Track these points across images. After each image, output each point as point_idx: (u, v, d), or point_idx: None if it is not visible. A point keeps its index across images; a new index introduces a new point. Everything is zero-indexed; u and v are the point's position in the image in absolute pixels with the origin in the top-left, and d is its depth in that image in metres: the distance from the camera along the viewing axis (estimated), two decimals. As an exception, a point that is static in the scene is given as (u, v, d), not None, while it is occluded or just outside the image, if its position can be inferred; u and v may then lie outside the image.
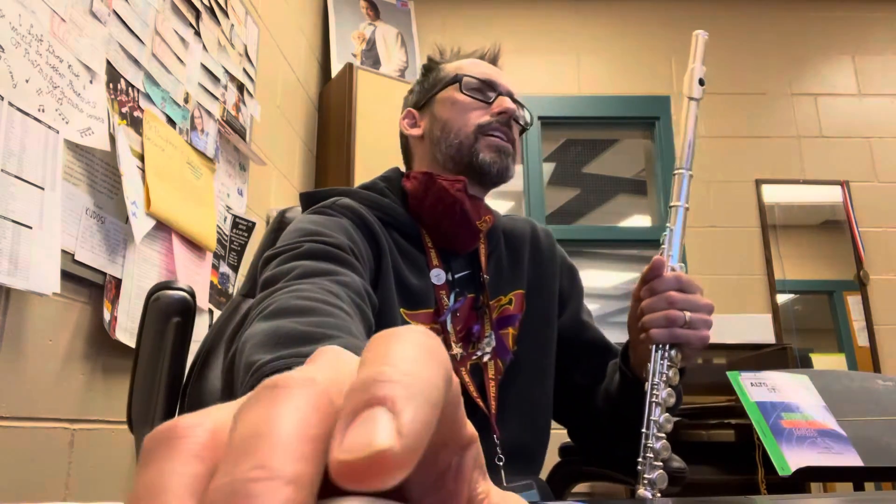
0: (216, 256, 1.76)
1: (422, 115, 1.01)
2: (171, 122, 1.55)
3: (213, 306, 1.73)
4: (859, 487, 1.03)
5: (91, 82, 1.26)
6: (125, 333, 1.34)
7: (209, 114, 1.75)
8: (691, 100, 0.85)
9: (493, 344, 0.94)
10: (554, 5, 3.41)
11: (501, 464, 0.90)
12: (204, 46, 1.73)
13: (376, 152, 2.56)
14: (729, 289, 3.13)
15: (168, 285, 0.96)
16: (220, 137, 1.81)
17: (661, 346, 0.79)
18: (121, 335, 1.33)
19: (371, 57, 3.02)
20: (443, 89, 0.99)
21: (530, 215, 2.93)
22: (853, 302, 3.16)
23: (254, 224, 1.92)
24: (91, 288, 1.30)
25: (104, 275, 1.30)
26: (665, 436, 0.75)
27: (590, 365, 1.02)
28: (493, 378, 0.93)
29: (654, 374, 0.78)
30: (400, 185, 0.98)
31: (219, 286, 1.78)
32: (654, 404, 0.76)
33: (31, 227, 1.08)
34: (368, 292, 0.78)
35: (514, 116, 0.97)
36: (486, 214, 0.96)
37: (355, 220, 0.88)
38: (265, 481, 0.13)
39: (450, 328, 0.92)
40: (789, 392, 0.95)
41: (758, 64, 3.42)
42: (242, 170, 1.99)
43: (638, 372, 0.87)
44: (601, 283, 3.50)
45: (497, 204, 1.23)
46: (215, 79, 1.79)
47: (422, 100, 1.02)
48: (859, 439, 0.89)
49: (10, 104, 1.06)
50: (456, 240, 0.95)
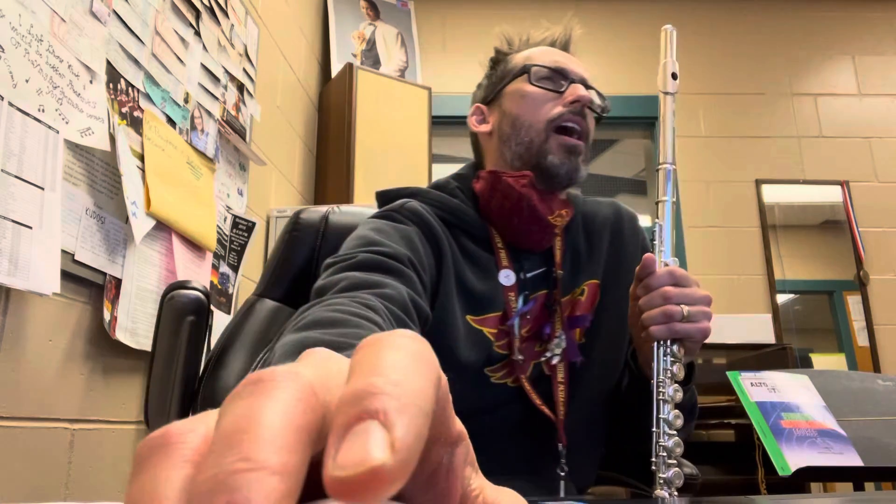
0: (216, 256, 1.76)
1: (490, 111, 0.96)
2: (171, 122, 1.55)
3: (213, 306, 1.73)
4: (859, 487, 1.02)
5: (91, 82, 1.26)
6: (125, 333, 1.34)
7: (209, 114, 1.75)
8: (666, 94, 0.84)
9: (563, 345, 0.89)
10: (554, 5, 3.41)
11: (563, 474, 0.86)
12: (204, 46, 1.73)
13: (376, 152, 2.56)
14: (729, 289, 3.13)
15: (183, 285, 0.97)
16: (220, 137, 1.81)
17: (662, 342, 0.78)
18: (121, 335, 1.33)
19: (371, 57, 3.02)
20: (511, 81, 0.93)
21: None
22: (853, 302, 3.16)
23: (254, 224, 1.92)
24: (91, 288, 1.30)
25: (104, 275, 1.30)
26: (677, 433, 0.74)
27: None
28: (563, 381, 0.88)
29: (659, 372, 0.77)
30: (471, 185, 0.94)
31: (219, 286, 1.78)
32: (662, 401, 0.75)
33: (31, 227, 1.08)
34: (417, 304, 0.75)
35: (590, 105, 0.91)
36: (562, 208, 0.90)
37: (420, 226, 0.86)
38: (250, 472, 0.13)
39: (517, 331, 0.87)
40: (789, 392, 0.94)
41: (758, 64, 3.43)
42: (242, 170, 1.99)
43: (646, 371, 0.86)
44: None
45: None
46: (215, 79, 1.79)
47: (490, 94, 0.97)
48: (859, 439, 0.89)
49: (10, 104, 1.06)
50: (528, 237, 0.90)
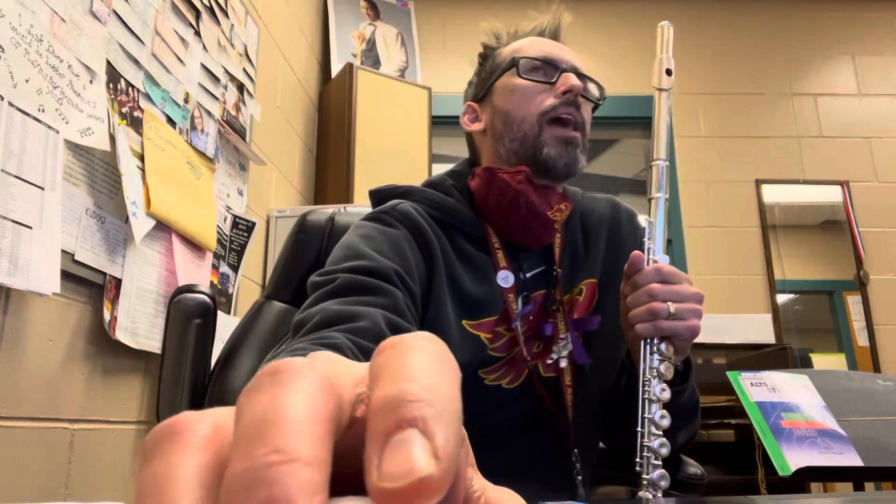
0: (216, 256, 1.76)
1: (482, 108, 0.93)
2: (171, 122, 1.55)
3: (213, 306, 1.73)
4: (859, 487, 1.02)
5: (91, 82, 1.26)
6: (125, 333, 1.34)
7: (209, 114, 1.75)
8: (661, 90, 0.84)
9: (570, 347, 0.86)
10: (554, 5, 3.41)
11: (580, 478, 0.84)
12: (204, 46, 1.73)
13: (376, 152, 2.56)
14: (729, 289, 3.13)
15: (189, 289, 1.00)
16: (220, 137, 1.81)
17: (648, 340, 0.76)
18: (121, 335, 1.33)
19: (371, 57, 3.02)
20: (500, 76, 0.90)
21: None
22: (853, 302, 3.16)
23: (254, 224, 1.92)
24: (91, 288, 1.30)
25: (104, 275, 1.30)
26: (663, 433, 0.73)
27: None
28: (571, 385, 0.85)
29: (645, 370, 0.75)
30: (467, 182, 0.91)
31: (219, 286, 1.78)
32: (647, 401, 0.74)
33: (31, 227, 1.08)
34: (397, 326, 0.72)
35: (583, 94, 0.88)
36: (561, 202, 0.87)
37: (411, 230, 0.83)
38: (284, 464, 0.13)
39: (519, 334, 0.84)
40: (789, 392, 0.94)
41: (758, 64, 3.42)
42: (242, 170, 1.99)
43: (639, 370, 0.86)
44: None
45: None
46: (215, 79, 1.79)
47: (480, 91, 0.93)
48: (859, 439, 0.89)
49: (10, 104, 1.06)
50: (527, 235, 0.86)
